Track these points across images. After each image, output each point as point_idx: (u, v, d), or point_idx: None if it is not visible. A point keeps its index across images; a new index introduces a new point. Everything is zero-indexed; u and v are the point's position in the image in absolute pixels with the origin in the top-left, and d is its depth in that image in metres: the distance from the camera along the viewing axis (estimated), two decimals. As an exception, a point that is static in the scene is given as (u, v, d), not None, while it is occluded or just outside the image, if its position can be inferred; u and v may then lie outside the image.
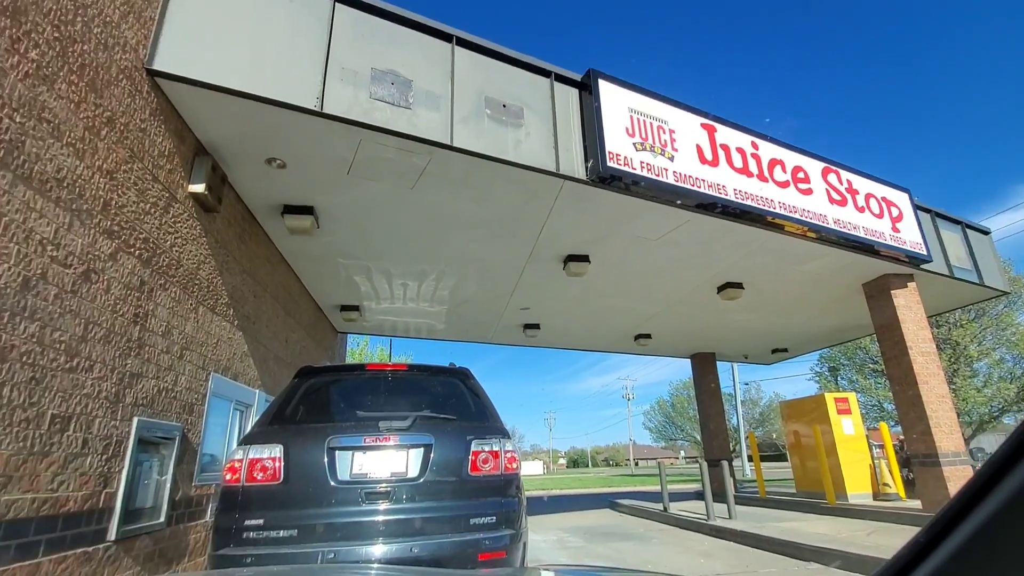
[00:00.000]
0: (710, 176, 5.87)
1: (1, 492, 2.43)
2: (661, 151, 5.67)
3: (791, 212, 6.39)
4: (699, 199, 5.71)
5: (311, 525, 3.00)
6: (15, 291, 2.53)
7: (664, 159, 5.60)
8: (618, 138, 5.32)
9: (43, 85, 2.73)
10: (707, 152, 6.00)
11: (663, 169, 5.52)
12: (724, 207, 5.87)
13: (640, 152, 5.45)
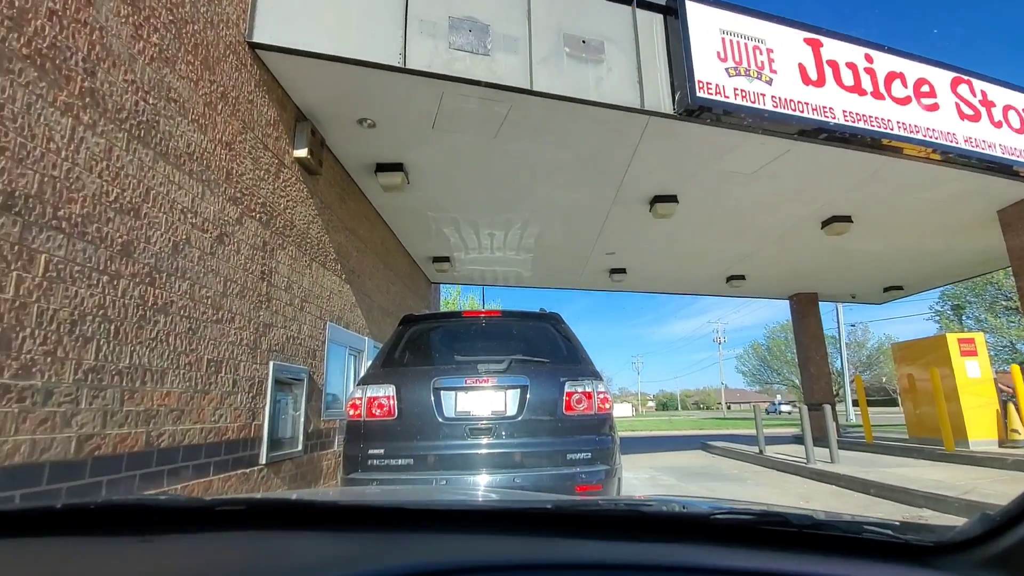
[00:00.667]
0: (815, 98, 5.34)
1: (177, 422, 2.94)
2: (757, 74, 5.22)
3: (912, 132, 5.68)
4: (801, 125, 5.24)
5: (423, 456, 3.33)
6: (168, 254, 2.94)
7: (761, 83, 5.16)
8: (708, 64, 4.95)
9: (166, 67, 3.03)
10: (811, 71, 5.43)
11: (759, 95, 5.10)
12: (831, 132, 5.35)
13: (733, 78, 5.06)
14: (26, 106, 2.18)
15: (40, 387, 2.17)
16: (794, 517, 0.65)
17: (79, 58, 2.44)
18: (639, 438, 17.87)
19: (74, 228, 2.36)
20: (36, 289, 2.17)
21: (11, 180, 2.10)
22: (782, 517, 0.65)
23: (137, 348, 2.68)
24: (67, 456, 2.27)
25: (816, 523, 0.65)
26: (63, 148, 2.33)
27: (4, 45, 2.10)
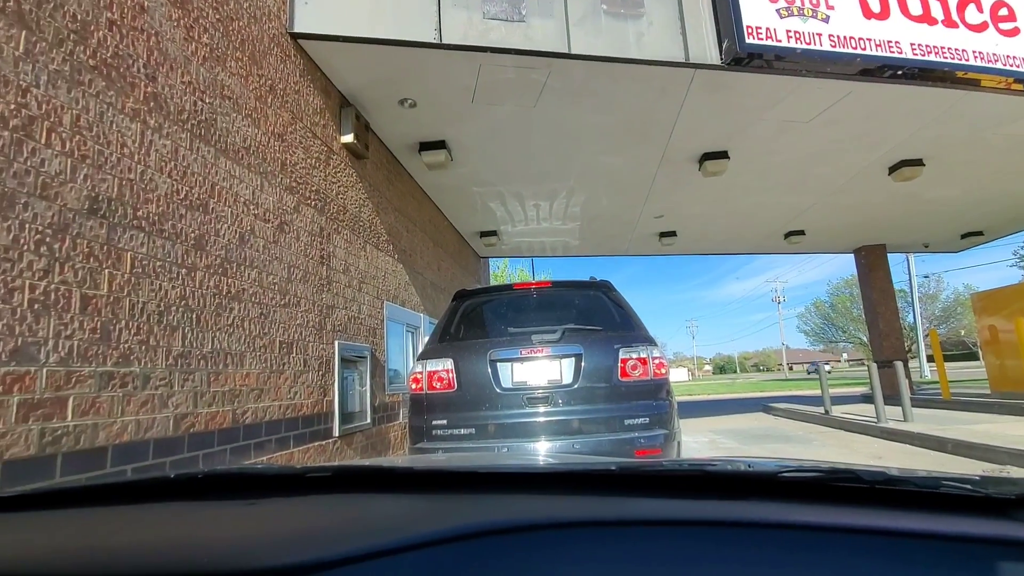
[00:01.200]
0: (878, 33, 4.92)
1: (258, 400, 3.17)
2: (812, 12, 4.86)
3: (989, 62, 5.16)
4: (864, 63, 4.86)
5: (484, 425, 3.44)
6: (236, 245, 3.12)
7: (816, 22, 4.81)
8: (757, 7, 4.65)
9: (218, 66, 3.17)
10: (873, 3, 5.00)
11: (815, 35, 4.76)
12: (897, 69, 4.94)
13: (786, 19, 4.74)
14: (99, 115, 2.35)
15: (139, 373, 2.39)
16: (865, 473, 0.64)
17: (140, 65, 2.59)
18: (696, 402, 17.65)
19: (152, 226, 2.54)
20: (126, 285, 2.37)
21: (94, 185, 2.28)
22: (853, 473, 0.65)
23: (217, 334, 2.89)
24: (167, 433, 2.51)
25: (890, 479, 0.64)
26: (135, 152, 2.50)
27: (73, 58, 2.26)
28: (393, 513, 0.66)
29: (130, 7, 2.54)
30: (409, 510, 0.67)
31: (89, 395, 2.16)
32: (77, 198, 2.19)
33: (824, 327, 43.13)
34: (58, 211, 2.11)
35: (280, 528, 0.62)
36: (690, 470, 0.73)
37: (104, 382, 2.23)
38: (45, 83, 2.12)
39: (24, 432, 1.93)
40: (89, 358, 2.17)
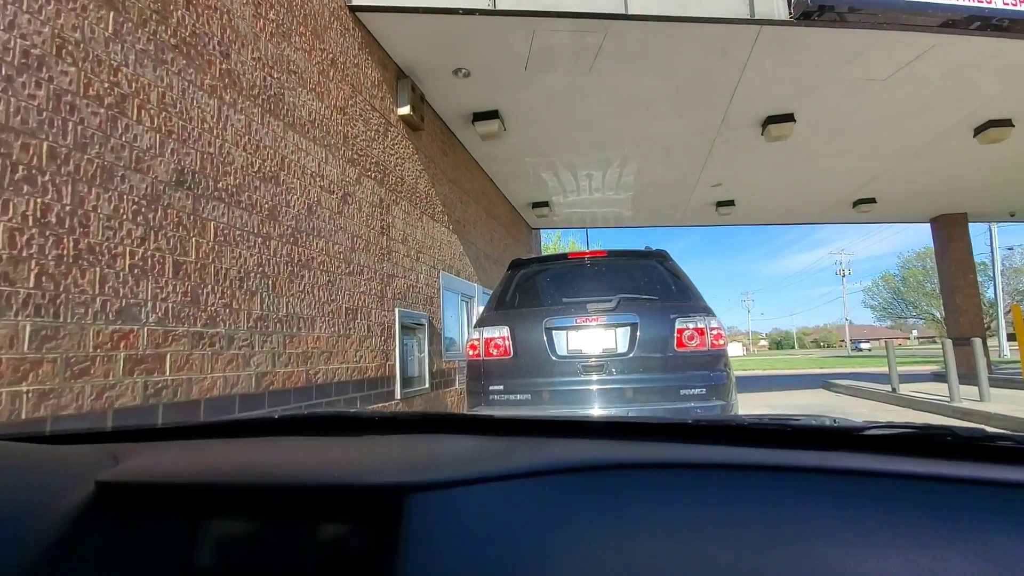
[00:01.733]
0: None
1: (328, 363, 3.36)
2: (894, -41, 4.47)
3: (1107, 3, 4.60)
4: (948, 14, 4.44)
5: (539, 391, 3.51)
6: (305, 216, 3.28)
7: (899, -31, 4.42)
8: (832, -44, 4.32)
9: (284, 41, 3.27)
10: (965, -55, 4.54)
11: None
12: (986, 19, 4.49)
13: (864, -33, 4.38)
14: (181, 92, 2.49)
15: (224, 334, 2.58)
16: (961, 430, 0.63)
17: (215, 42, 2.71)
18: (752, 377, 17.19)
19: (231, 197, 2.71)
20: (211, 252, 2.54)
21: (179, 159, 2.44)
22: (948, 430, 0.64)
23: (290, 299, 3.07)
24: (250, 390, 2.71)
25: (988, 436, 0.62)
26: (214, 127, 2.65)
27: (156, 37, 2.39)
28: (489, 449, 0.71)
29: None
30: (504, 449, 0.72)
31: (183, 353, 2.36)
32: (166, 171, 2.35)
33: (893, 302, 40.72)
34: (150, 183, 2.28)
35: (384, 454, 0.68)
36: (772, 425, 0.73)
37: (195, 341, 2.42)
38: (133, 62, 2.26)
39: (130, 384, 2.14)
40: (182, 319, 2.37)
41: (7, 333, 1.74)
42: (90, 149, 2.04)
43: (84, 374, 1.96)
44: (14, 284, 1.77)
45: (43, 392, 1.83)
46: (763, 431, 0.73)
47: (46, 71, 1.92)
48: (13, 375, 1.75)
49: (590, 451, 0.65)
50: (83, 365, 1.96)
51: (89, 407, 1.98)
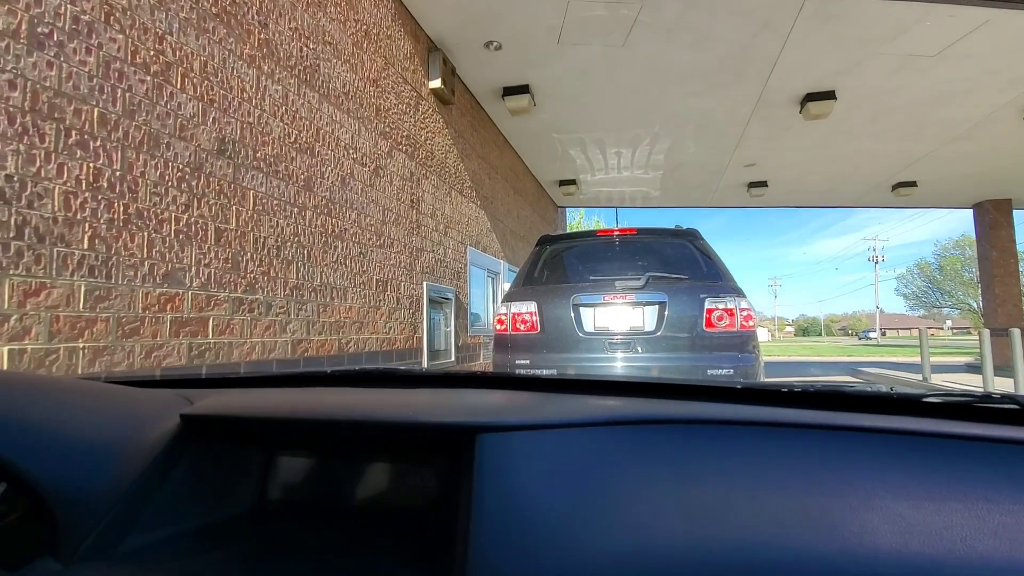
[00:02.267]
0: (1036, -55, 4.22)
1: (359, 332, 3.44)
2: (953, -74, 4.22)
3: None
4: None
5: (565, 367, 3.53)
6: (338, 187, 3.32)
7: (958, -64, 4.18)
8: (887, -77, 4.10)
9: (320, 11, 3.27)
10: (1034, -91, 4.26)
11: (956, -48, 4.15)
12: (1057, -12, 4.23)
13: (920, -65, 4.15)
14: (222, 61, 2.52)
15: (262, 301, 2.66)
16: (1021, 397, 0.63)
17: (254, 12, 2.73)
18: (777, 363, 16.96)
19: (269, 167, 2.75)
20: (250, 220, 2.60)
21: (220, 128, 2.48)
22: (1011, 397, 0.63)
23: (324, 269, 3.13)
24: (286, 356, 2.80)
25: None
26: (253, 97, 2.68)
27: (199, 6, 2.42)
28: (547, 402, 0.73)
29: (244, -46, 2.66)
30: (561, 402, 0.74)
31: (225, 317, 2.44)
32: (208, 139, 2.40)
33: (927, 291, 39.48)
34: (194, 151, 2.33)
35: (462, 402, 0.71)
36: (825, 390, 0.73)
37: (236, 306, 2.50)
38: (176, 30, 2.30)
39: (176, 345, 2.23)
40: (223, 285, 2.44)
41: (64, 292, 1.82)
42: (137, 116, 2.09)
43: (134, 334, 2.05)
44: (70, 245, 1.85)
45: (97, 349, 1.92)
46: (816, 395, 0.73)
47: (95, 37, 1.97)
48: (70, 332, 1.84)
49: (646, 407, 0.66)
50: (133, 325, 2.05)
51: (139, 365, 2.07)
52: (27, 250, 1.73)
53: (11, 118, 1.71)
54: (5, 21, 1.71)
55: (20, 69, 1.73)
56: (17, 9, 1.74)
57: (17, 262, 1.70)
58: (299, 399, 0.73)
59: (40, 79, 1.79)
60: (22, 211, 1.72)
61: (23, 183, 1.73)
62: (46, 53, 1.81)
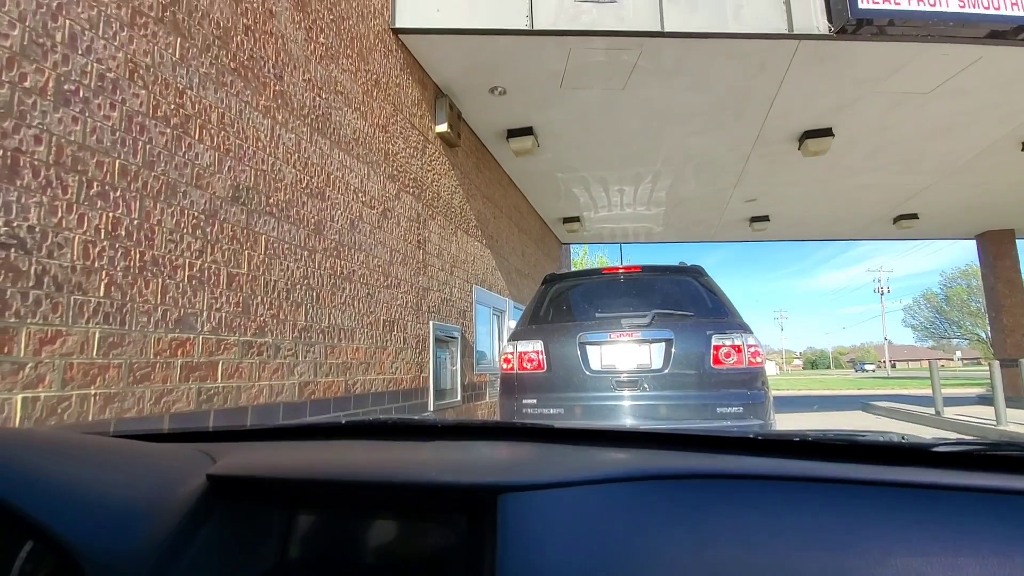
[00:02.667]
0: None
1: (365, 373, 3.43)
2: (937, -28, 4.40)
3: None
4: (993, 25, 4.34)
5: (572, 406, 3.50)
6: (347, 230, 3.38)
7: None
8: (872, -29, 4.28)
9: (332, 63, 3.41)
10: (1012, -44, 4.44)
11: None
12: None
13: (906, -19, 4.32)
14: (238, 112, 2.62)
15: (271, 343, 2.68)
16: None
17: (270, 65, 2.85)
18: (786, 397, 16.70)
19: (281, 212, 2.82)
20: (261, 264, 2.65)
21: (235, 176, 2.56)
22: (1020, 445, 0.63)
23: (332, 311, 3.16)
24: (293, 399, 2.79)
25: None
26: (267, 145, 2.77)
27: (218, 61, 2.53)
28: (562, 456, 0.73)
29: (262, 12, 2.80)
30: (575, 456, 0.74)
31: (234, 361, 2.46)
32: (223, 187, 2.47)
33: (935, 321, 39.08)
34: (209, 199, 2.39)
35: (478, 457, 0.71)
36: (839, 440, 0.73)
37: (245, 350, 2.52)
38: (196, 85, 2.40)
39: (186, 390, 2.23)
40: (234, 328, 2.46)
41: (79, 339, 1.84)
42: (156, 167, 2.17)
43: (145, 379, 2.06)
44: (86, 293, 1.88)
45: (108, 396, 1.93)
46: (830, 446, 0.73)
47: (119, 93, 2.05)
48: (83, 379, 1.85)
49: (662, 461, 0.66)
50: (144, 371, 2.06)
51: (148, 411, 2.07)
52: (45, 298, 1.77)
53: (35, 171, 1.77)
54: (33, 79, 1.79)
55: (46, 124, 1.81)
56: (45, 68, 1.83)
57: (35, 310, 1.73)
58: (320, 456, 0.74)
59: (65, 133, 1.86)
60: (42, 260, 1.77)
61: (44, 233, 1.78)
62: (72, 109, 1.89)
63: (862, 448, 0.72)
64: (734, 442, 0.79)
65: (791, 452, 0.72)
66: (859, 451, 0.71)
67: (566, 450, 0.76)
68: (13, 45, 1.73)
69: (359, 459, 0.72)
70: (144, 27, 2.17)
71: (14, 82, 1.73)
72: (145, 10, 2.18)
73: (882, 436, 0.75)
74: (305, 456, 0.75)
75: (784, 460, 0.67)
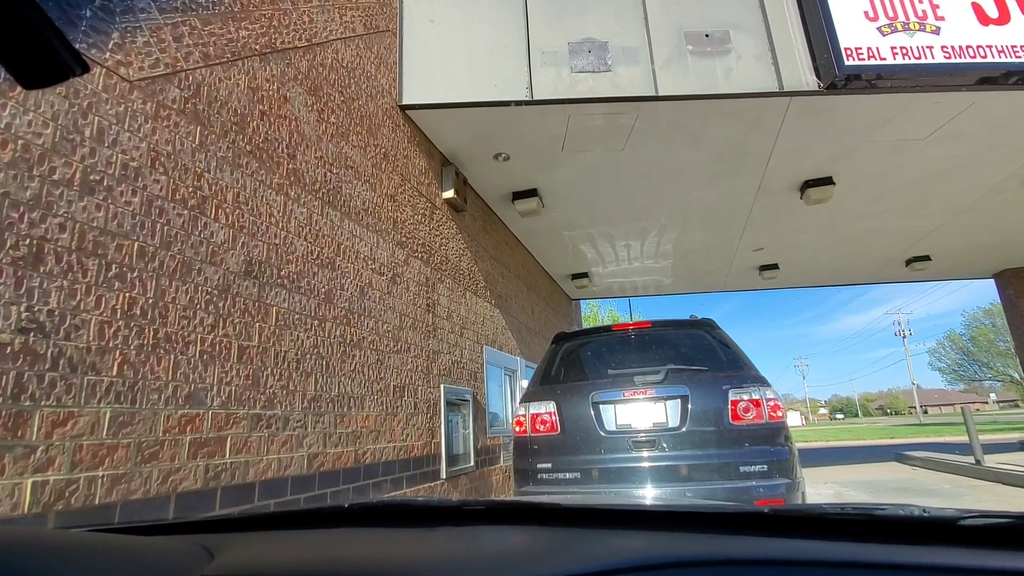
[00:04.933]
0: (999, 38, 4.53)
1: (375, 442, 3.38)
2: (920, 25, 4.59)
3: None
4: (982, 72, 4.47)
5: (589, 469, 3.40)
6: (357, 298, 3.43)
7: (926, 34, 4.53)
8: (855, 28, 4.49)
9: (343, 141, 3.58)
10: (989, 8, 4.64)
11: (926, 48, 4.47)
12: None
13: (889, 36, 4.51)
14: (252, 191, 2.74)
15: (280, 415, 2.67)
16: None
17: (283, 146, 3.01)
18: (814, 449, 16.03)
19: (292, 284, 2.88)
20: (272, 336, 2.69)
21: (248, 251, 2.64)
22: None
23: (342, 379, 3.16)
24: (302, 471, 2.75)
25: None
26: (279, 220, 2.88)
27: (235, 145, 2.68)
28: (562, 544, 0.71)
29: (276, 99, 2.98)
30: (574, 543, 0.72)
31: (243, 435, 2.44)
32: (236, 262, 2.55)
33: (963, 363, 37.84)
34: (222, 274, 2.47)
35: (473, 552, 0.69)
36: (856, 514, 0.70)
37: (254, 423, 2.51)
38: (214, 168, 2.53)
39: (193, 467, 2.21)
40: (243, 402, 2.47)
41: (90, 420, 1.86)
42: (173, 246, 2.25)
43: (153, 458, 2.05)
44: (100, 373, 1.91)
45: (116, 477, 1.92)
46: (847, 522, 0.70)
47: (141, 180, 2.17)
48: (92, 460, 1.85)
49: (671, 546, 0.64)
50: (153, 450, 2.05)
51: (155, 492, 2.05)
52: (59, 380, 1.79)
53: (58, 257, 1.85)
54: (62, 172, 1.90)
55: (71, 213, 1.90)
56: (73, 161, 1.95)
57: (49, 393, 1.76)
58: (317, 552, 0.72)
59: (88, 220, 1.95)
60: (59, 343, 1.81)
61: (63, 316, 1.83)
62: (96, 197, 1.99)
63: (881, 523, 0.69)
64: (750, 519, 0.77)
65: (806, 529, 0.69)
66: (878, 527, 0.68)
67: (573, 535, 0.74)
68: (45, 143, 1.86)
69: (357, 555, 0.71)
70: (167, 118, 2.32)
71: (44, 176, 1.84)
72: (169, 103, 2.34)
73: (902, 509, 0.72)
74: (303, 551, 0.74)
75: (798, 542, 0.64)
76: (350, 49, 3.82)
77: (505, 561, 0.63)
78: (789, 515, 0.75)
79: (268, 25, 2.99)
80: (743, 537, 0.67)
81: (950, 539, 0.62)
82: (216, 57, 2.61)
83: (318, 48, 3.43)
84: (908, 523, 0.68)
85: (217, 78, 2.61)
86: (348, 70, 3.79)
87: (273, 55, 3.01)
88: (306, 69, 3.29)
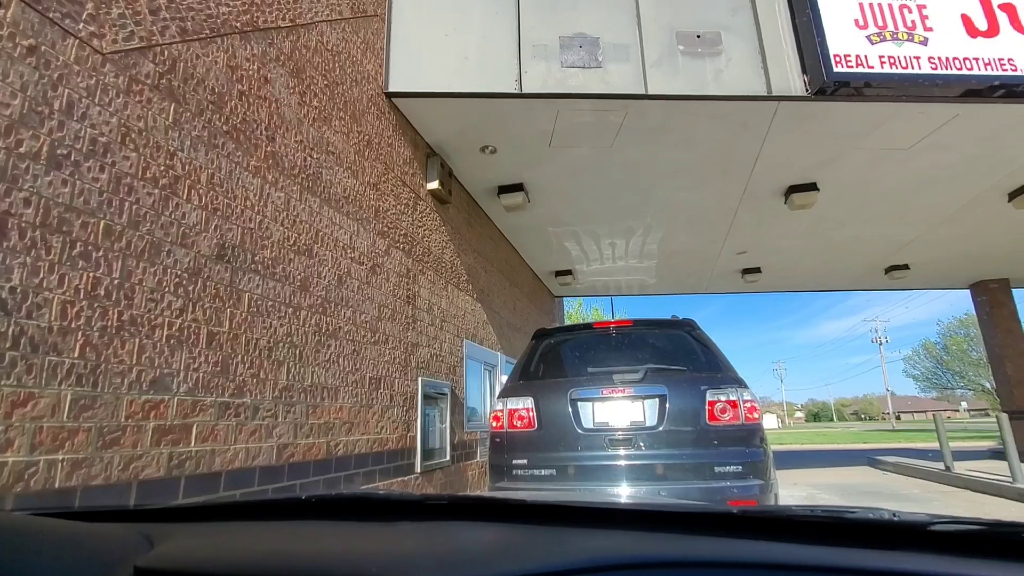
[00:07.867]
0: (985, 51, 4.59)
1: (349, 434, 3.33)
2: (908, 36, 4.63)
3: None
4: (968, 84, 4.52)
5: (565, 467, 3.39)
6: (335, 286, 3.37)
7: (914, 45, 4.57)
8: (845, 35, 4.51)
9: (325, 125, 3.51)
10: (979, 20, 4.69)
11: (913, 58, 4.51)
12: (1011, 87, 4.55)
13: (877, 45, 4.54)
14: (228, 173, 2.67)
15: (250, 404, 2.61)
16: None
17: (262, 128, 2.93)
18: (789, 452, 16.28)
19: (267, 270, 2.82)
20: (243, 323, 2.62)
21: (222, 235, 2.58)
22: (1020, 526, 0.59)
23: (316, 369, 3.10)
24: (271, 462, 2.69)
25: None
26: (255, 204, 2.81)
27: (211, 125, 2.60)
28: (524, 541, 0.68)
29: (256, 79, 2.91)
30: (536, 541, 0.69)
31: (209, 423, 2.38)
32: (208, 245, 2.48)
33: (937, 372, 38.68)
34: (193, 257, 2.40)
35: (428, 548, 0.67)
36: (826, 517, 0.68)
37: (222, 412, 2.45)
38: (188, 147, 2.45)
39: (156, 455, 2.15)
40: (211, 389, 2.41)
41: (50, 402, 1.79)
42: (142, 226, 2.18)
43: (114, 444, 1.99)
44: (61, 354, 1.84)
45: (76, 462, 1.86)
46: (816, 524, 0.68)
47: (110, 157, 2.09)
48: (52, 443, 1.78)
49: (638, 546, 0.62)
50: (114, 435, 1.99)
51: (116, 478, 1.98)
52: (20, 360, 1.73)
53: (22, 233, 1.78)
54: (28, 145, 1.83)
55: (36, 188, 1.83)
56: (41, 134, 1.87)
57: (10, 372, 1.69)
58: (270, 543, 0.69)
59: (54, 196, 1.88)
60: (20, 321, 1.74)
61: (25, 294, 1.76)
62: (62, 172, 1.91)
63: (850, 526, 0.68)
64: (719, 519, 0.75)
65: (775, 531, 0.68)
66: (847, 530, 0.67)
67: (540, 532, 0.71)
68: (13, 114, 1.78)
69: (304, 549, 0.67)
70: (140, 94, 2.24)
71: (10, 148, 1.76)
72: (142, 78, 2.26)
73: (872, 512, 0.71)
74: (252, 543, 0.70)
75: (766, 544, 0.63)
76: (336, 32, 3.74)
77: (461, 558, 0.61)
78: (758, 516, 0.74)
79: (250, 2, 2.91)
80: (710, 538, 0.66)
81: (920, 544, 0.61)
82: (194, 32, 2.53)
83: (302, 29, 3.35)
84: (878, 527, 0.67)
85: (194, 54, 2.53)
86: (333, 54, 3.71)
87: (255, 34, 2.93)
88: (289, 50, 3.21)
